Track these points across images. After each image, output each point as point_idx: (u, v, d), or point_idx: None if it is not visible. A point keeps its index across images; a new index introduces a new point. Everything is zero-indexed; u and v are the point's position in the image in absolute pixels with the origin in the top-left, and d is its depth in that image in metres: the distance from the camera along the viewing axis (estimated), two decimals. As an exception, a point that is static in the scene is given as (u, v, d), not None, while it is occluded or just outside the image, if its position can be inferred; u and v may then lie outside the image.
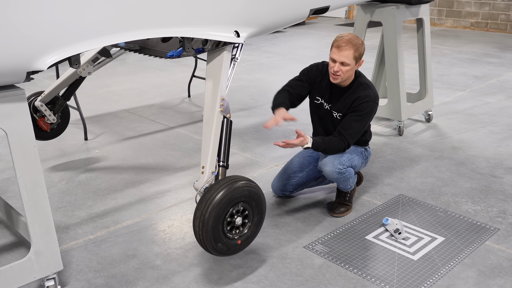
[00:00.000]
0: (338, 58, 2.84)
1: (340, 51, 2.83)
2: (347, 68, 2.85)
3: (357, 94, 2.93)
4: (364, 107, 2.90)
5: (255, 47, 8.74)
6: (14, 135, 2.09)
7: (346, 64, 2.84)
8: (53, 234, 2.27)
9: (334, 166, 2.91)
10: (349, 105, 2.95)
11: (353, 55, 2.83)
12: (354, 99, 2.93)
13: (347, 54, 2.82)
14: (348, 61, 2.83)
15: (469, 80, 6.53)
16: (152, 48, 2.97)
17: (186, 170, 3.76)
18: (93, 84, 6.08)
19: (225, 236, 2.40)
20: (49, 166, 3.80)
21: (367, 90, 2.94)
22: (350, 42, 2.82)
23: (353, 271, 2.57)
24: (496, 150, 4.20)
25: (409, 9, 4.37)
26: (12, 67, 1.95)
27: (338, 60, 2.84)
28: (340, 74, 2.86)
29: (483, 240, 2.86)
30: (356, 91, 2.95)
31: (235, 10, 2.64)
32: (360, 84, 2.97)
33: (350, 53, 2.82)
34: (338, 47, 2.84)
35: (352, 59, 2.84)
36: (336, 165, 2.91)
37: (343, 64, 2.84)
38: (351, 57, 2.83)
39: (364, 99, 2.90)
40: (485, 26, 10.82)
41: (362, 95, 2.91)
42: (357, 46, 2.85)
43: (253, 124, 4.79)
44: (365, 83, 2.98)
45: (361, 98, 2.91)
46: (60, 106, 3.60)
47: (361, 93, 2.92)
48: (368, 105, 2.91)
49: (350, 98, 2.95)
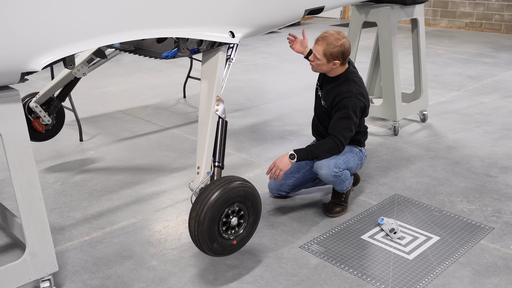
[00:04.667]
0: (313, 49, 2.97)
1: (315, 44, 2.96)
2: (318, 62, 2.95)
3: (340, 88, 2.97)
4: (346, 102, 2.92)
5: (251, 48, 8.74)
6: (9, 136, 2.09)
7: (316, 58, 2.94)
8: (48, 235, 2.26)
9: (330, 169, 2.91)
10: (332, 98, 3.00)
11: (323, 52, 2.90)
12: (336, 94, 2.97)
13: (318, 49, 2.92)
14: (318, 55, 2.92)
15: (463, 80, 6.55)
16: (147, 49, 2.97)
17: (181, 170, 3.76)
18: (88, 85, 6.07)
19: (221, 237, 2.40)
20: (44, 167, 3.79)
21: (350, 86, 2.96)
22: (325, 39, 2.91)
23: (348, 271, 2.57)
24: (491, 149, 4.21)
25: (404, 9, 4.39)
26: (7, 68, 1.95)
27: (313, 51, 2.96)
28: (313, 64, 2.98)
29: (478, 239, 2.87)
30: (340, 84, 2.99)
31: (230, 10, 2.64)
32: (346, 79, 3.00)
33: (320, 49, 2.91)
34: (316, 40, 2.96)
35: (322, 55, 2.91)
36: (331, 168, 2.91)
37: (315, 57, 2.94)
38: (321, 53, 2.91)
39: (345, 94, 2.94)
40: (480, 26, 10.86)
41: (344, 90, 2.95)
42: (332, 45, 2.88)
43: (248, 125, 4.79)
44: (351, 79, 3.00)
45: (342, 93, 2.95)
46: (55, 107, 3.60)
47: (344, 87, 2.96)
48: (350, 100, 2.91)
49: (334, 90, 3.00)
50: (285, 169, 2.83)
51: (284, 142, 4.35)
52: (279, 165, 2.83)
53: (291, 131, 4.60)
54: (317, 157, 2.90)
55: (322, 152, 2.89)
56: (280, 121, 4.88)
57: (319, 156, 2.89)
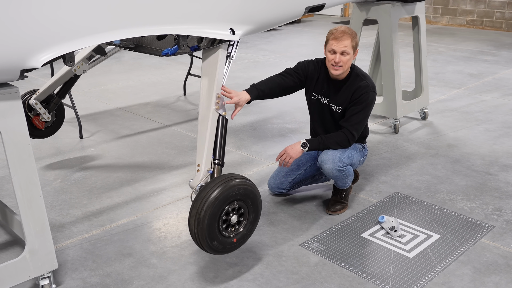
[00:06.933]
0: (338, 48, 2.88)
1: (339, 41, 2.88)
2: (347, 58, 2.91)
3: (356, 85, 2.97)
4: (365, 98, 2.94)
5: (251, 45, 8.73)
6: (8, 134, 2.08)
7: (346, 53, 2.89)
8: (48, 233, 2.26)
9: (335, 163, 2.92)
10: (349, 97, 2.98)
11: (351, 44, 2.90)
12: (353, 91, 2.96)
13: (346, 44, 2.88)
14: (348, 50, 2.89)
15: (464, 78, 6.54)
16: (147, 46, 2.96)
17: (181, 168, 3.76)
18: (88, 82, 6.06)
19: (221, 234, 2.40)
20: (44, 165, 3.78)
21: (364, 81, 2.98)
22: (346, 32, 2.89)
23: (349, 269, 2.57)
24: (491, 147, 4.21)
25: (405, 7, 4.38)
26: (6, 65, 1.94)
27: (338, 51, 2.89)
28: (341, 64, 2.91)
29: (478, 238, 2.87)
30: (354, 82, 2.99)
31: (230, 7, 2.63)
32: (357, 75, 3.01)
33: (348, 42, 2.89)
34: (336, 38, 2.89)
35: (350, 48, 2.90)
36: (336, 162, 2.92)
37: (344, 54, 2.89)
38: (349, 46, 2.89)
39: (364, 89, 2.95)
40: (481, 24, 10.85)
41: (362, 85, 2.96)
42: (353, 35, 2.92)
43: (248, 122, 4.79)
44: (361, 74, 3.02)
45: (361, 88, 2.95)
46: (55, 104, 3.59)
47: (360, 83, 2.97)
48: (368, 95, 2.95)
49: (349, 90, 2.98)
50: (296, 157, 2.89)
51: (284, 139, 4.35)
52: (290, 153, 2.88)
53: (291, 129, 4.59)
54: (328, 148, 2.95)
55: (333, 144, 2.94)
56: (280, 119, 4.87)
57: (329, 148, 2.94)
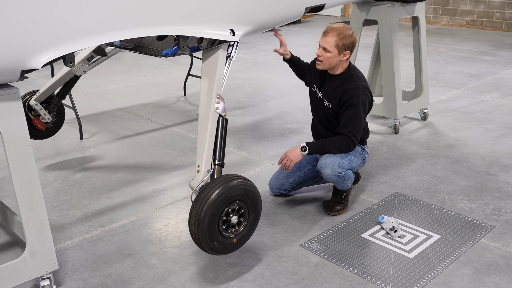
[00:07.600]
0: (322, 43, 2.91)
1: (324, 36, 2.91)
2: (328, 55, 2.90)
3: (346, 85, 2.95)
4: (355, 101, 2.91)
5: (251, 46, 8.73)
6: (9, 134, 2.08)
7: (327, 50, 2.89)
8: (48, 233, 2.26)
9: (334, 169, 2.91)
10: (339, 97, 2.97)
11: (336, 43, 2.87)
12: (343, 92, 2.95)
13: (329, 41, 2.88)
14: (330, 47, 2.88)
15: (464, 78, 6.54)
16: (147, 47, 2.96)
17: (181, 168, 3.76)
18: (89, 83, 6.06)
19: (221, 235, 2.40)
20: (44, 165, 3.78)
21: (356, 82, 2.95)
22: (335, 30, 2.89)
23: (349, 269, 2.57)
24: (492, 148, 4.21)
25: (405, 7, 4.38)
26: (6, 66, 1.94)
27: (321, 45, 2.91)
28: (321, 59, 2.92)
29: (478, 238, 2.87)
30: (345, 82, 2.97)
31: (230, 8, 2.63)
32: (350, 75, 2.99)
33: (332, 40, 2.87)
34: (324, 33, 2.92)
35: (334, 46, 2.88)
36: (335, 168, 2.91)
37: (325, 50, 2.90)
38: (333, 44, 2.87)
39: (353, 91, 2.92)
40: (481, 24, 10.85)
41: (351, 87, 2.93)
42: (343, 35, 2.88)
43: (249, 123, 4.79)
44: (355, 75, 3.00)
45: (350, 90, 2.92)
46: (55, 105, 3.59)
47: (350, 84, 2.94)
48: (358, 97, 2.91)
49: (340, 89, 2.97)
50: (296, 161, 2.89)
51: (284, 140, 4.35)
52: (290, 156, 2.88)
53: (291, 129, 4.60)
54: (327, 153, 2.94)
55: (333, 148, 2.92)
56: (280, 119, 4.87)
57: (329, 152, 2.93)
